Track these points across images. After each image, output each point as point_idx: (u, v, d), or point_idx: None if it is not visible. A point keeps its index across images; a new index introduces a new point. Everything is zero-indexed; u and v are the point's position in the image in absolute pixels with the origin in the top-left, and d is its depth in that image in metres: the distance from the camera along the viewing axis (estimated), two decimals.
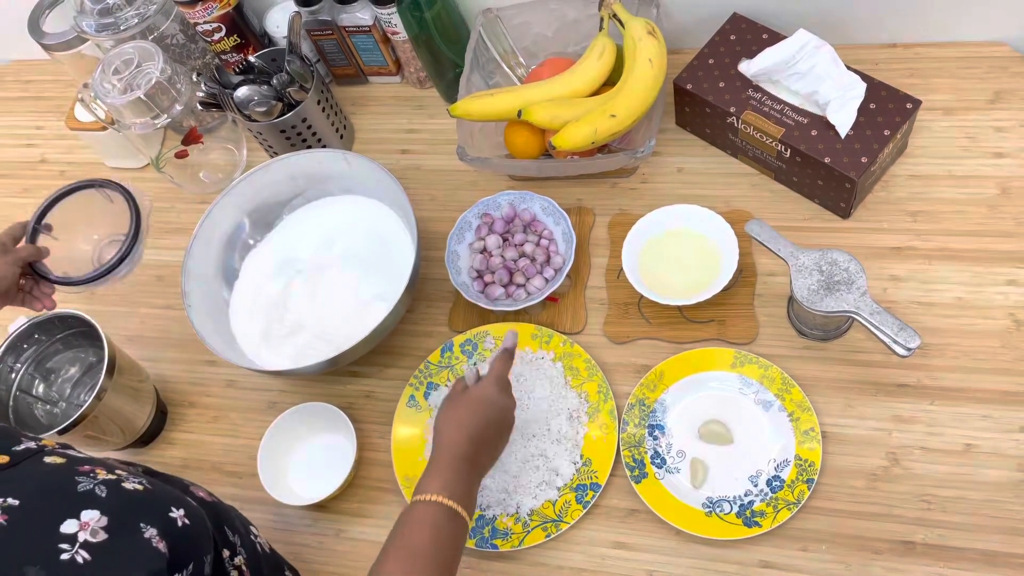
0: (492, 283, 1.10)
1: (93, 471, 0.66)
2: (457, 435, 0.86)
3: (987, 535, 0.88)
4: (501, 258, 1.10)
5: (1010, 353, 0.95)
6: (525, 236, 1.12)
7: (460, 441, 0.85)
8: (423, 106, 1.31)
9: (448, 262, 1.11)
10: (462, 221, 1.13)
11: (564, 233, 1.10)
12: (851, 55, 1.05)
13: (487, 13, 1.18)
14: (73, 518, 0.60)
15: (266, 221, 1.19)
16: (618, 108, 1.04)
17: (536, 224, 1.13)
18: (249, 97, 1.18)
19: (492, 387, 0.90)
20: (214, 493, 0.85)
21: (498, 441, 0.90)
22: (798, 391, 0.96)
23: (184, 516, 0.67)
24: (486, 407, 0.88)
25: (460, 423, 0.87)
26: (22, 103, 1.53)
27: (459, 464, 0.84)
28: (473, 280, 1.11)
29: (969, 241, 1.02)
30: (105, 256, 1.16)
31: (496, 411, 0.89)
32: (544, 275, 1.08)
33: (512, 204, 1.13)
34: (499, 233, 1.12)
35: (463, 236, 1.13)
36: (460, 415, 0.88)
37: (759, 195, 1.11)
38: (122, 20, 1.20)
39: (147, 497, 0.67)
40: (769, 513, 0.92)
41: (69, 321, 1.08)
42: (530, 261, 1.09)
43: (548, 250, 1.10)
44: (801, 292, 0.92)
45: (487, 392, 0.90)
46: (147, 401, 1.11)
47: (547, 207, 1.11)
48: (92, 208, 1.15)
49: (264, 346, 1.11)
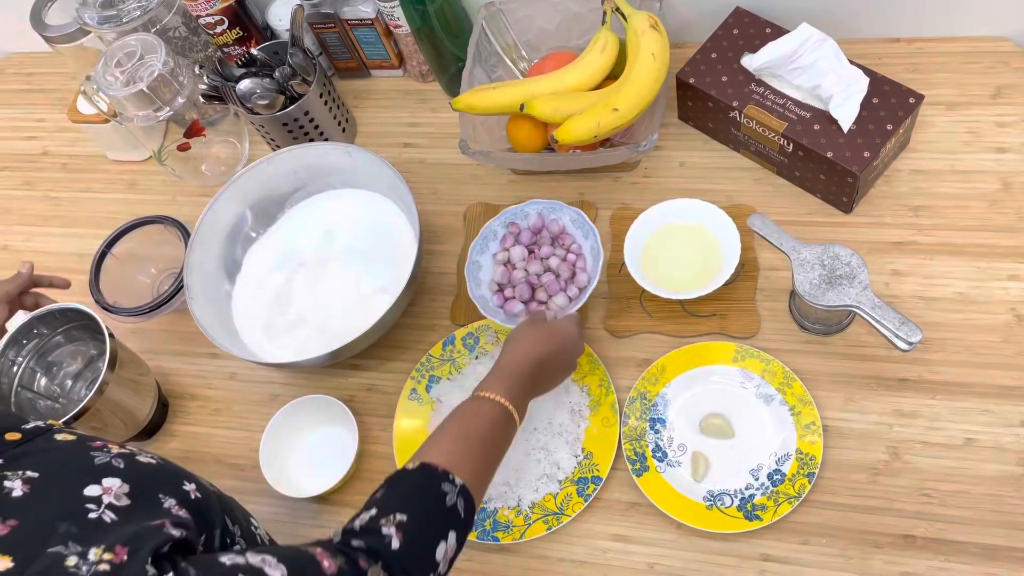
0: (512, 298, 1.05)
1: (106, 445, 0.66)
2: (529, 352, 0.89)
3: (987, 529, 0.88)
4: (524, 272, 1.05)
5: (1011, 348, 0.95)
6: (552, 249, 1.07)
7: (530, 359, 0.88)
8: (425, 99, 1.31)
9: (468, 273, 1.06)
10: (487, 230, 1.08)
11: (592, 249, 1.05)
12: (854, 49, 1.05)
13: (490, 6, 1.18)
14: (95, 484, 0.61)
15: (268, 214, 1.19)
16: (620, 102, 1.04)
17: (564, 237, 1.07)
18: (251, 90, 1.18)
19: (574, 325, 0.94)
20: (215, 485, 0.86)
21: (559, 375, 0.93)
22: (799, 385, 0.97)
23: (196, 490, 0.68)
24: (563, 339, 0.92)
25: (535, 343, 0.90)
26: (24, 95, 1.53)
27: (523, 378, 0.87)
28: (493, 294, 1.06)
29: (971, 236, 1.02)
30: (163, 288, 1.22)
31: (570, 346, 0.93)
32: (568, 293, 1.03)
33: (541, 214, 1.08)
34: (525, 244, 1.08)
35: (486, 246, 1.08)
36: (537, 336, 0.91)
37: (761, 189, 1.11)
38: (124, 13, 1.20)
39: (161, 470, 0.68)
40: (770, 507, 0.92)
41: (70, 315, 1.08)
42: (555, 277, 1.04)
43: (575, 266, 1.05)
44: (803, 286, 0.92)
45: (568, 327, 0.94)
46: (148, 394, 1.11)
47: (577, 219, 1.06)
48: (151, 242, 1.23)
49: (266, 339, 1.11)
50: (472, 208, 1.20)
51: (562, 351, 0.92)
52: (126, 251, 1.21)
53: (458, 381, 1.06)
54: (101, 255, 1.19)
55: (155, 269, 1.25)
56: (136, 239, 1.21)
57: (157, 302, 1.15)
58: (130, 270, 1.23)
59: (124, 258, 1.21)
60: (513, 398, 0.84)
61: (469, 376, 1.06)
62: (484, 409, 0.83)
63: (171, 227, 1.19)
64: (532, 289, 1.05)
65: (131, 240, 1.21)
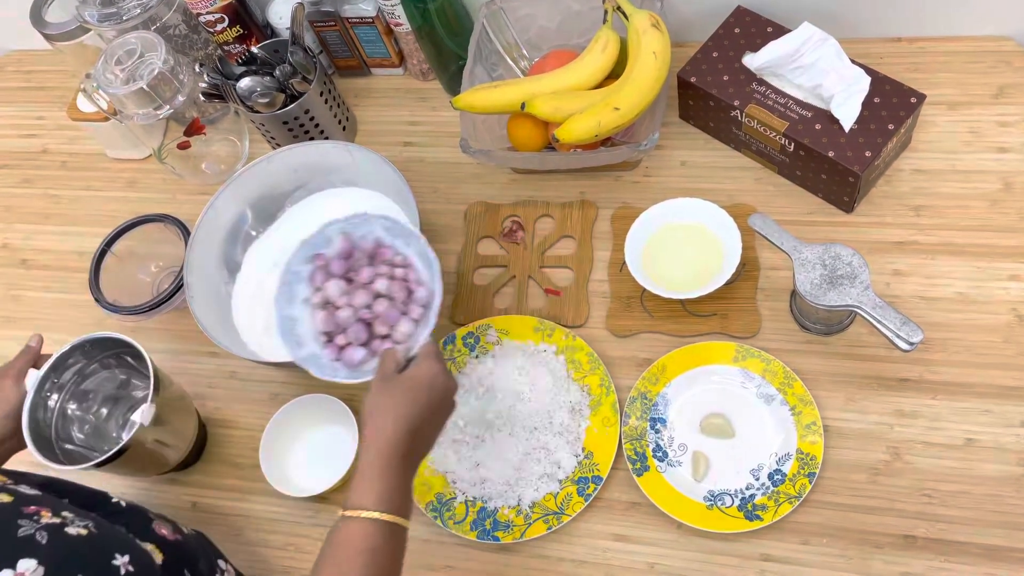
0: (348, 345, 0.85)
1: (38, 512, 0.63)
2: (394, 429, 0.74)
3: (988, 529, 0.88)
4: (351, 308, 0.85)
5: (1012, 348, 0.95)
6: (374, 270, 0.86)
7: (398, 435, 0.74)
8: (426, 98, 1.31)
9: (282, 334, 0.85)
10: (287, 274, 0.87)
11: (421, 254, 0.86)
12: (856, 49, 1.05)
13: (490, 5, 1.18)
14: (9, 568, 0.58)
15: (268, 212, 1.19)
16: (622, 101, 1.04)
17: (383, 251, 0.88)
18: (252, 88, 1.18)
19: (436, 364, 0.77)
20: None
21: (437, 430, 0.79)
22: (800, 385, 0.97)
23: (128, 563, 0.64)
24: (428, 389, 0.76)
25: (398, 412, 0.74)
26: (24, 93, 1.53)
27: (396, 465, 0.73)
28: (323, 348, 0.86)
29: (972, 236, 1.02)
30: (163, 286, 1.21)
31: (439, 394, 0.77)
32: (411, 315, 0.85)
33: (346, 234, 0.87)
34: (340, 275, 0.87)
35: (293, 293, 0.87)
36: (397, 401, 0.75)
37: (762, 189, 1.11)
38: (124, 10, 1.20)
39: (90, 543, 0.64)
40: (770, 506, 0.92)
41: (104, 343, 1.05)
42: (389, 302, 0.85)
43: (407, 281, 0.86)
44: (804, 286, 0.92)
45: (427, 369, 0.77)
46: (191, 412, 1.09)
47: (392, 226, 0.87)
48: (150, 240, 1.22)
49: (266, 337, 1.11)
50: (473, 207, 1.20)
51: (431, 404, 0.76)
52: (126, 249, 1.21)
53: (458, 380, 1.06)
54: (101, 253, 1.19)
55: (155, 268, 1.25)
56: (136, 237, 1.21)
57: (157, 301, 1.15)
58: (130, 269, 1.23)
59: (124, 256, 1.21)
60: (390, 502, 0.72)
61: (469, 375, 1.06)
62: (358, 536, 0.71)
63: (171, 225, 1.20)
64: (368, 326, 0.85)
65: (131, 238, 1.21)
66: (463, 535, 0.98)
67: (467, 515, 0.99)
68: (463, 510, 1.00)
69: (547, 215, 1.17)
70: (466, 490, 1.00)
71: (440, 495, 1.01)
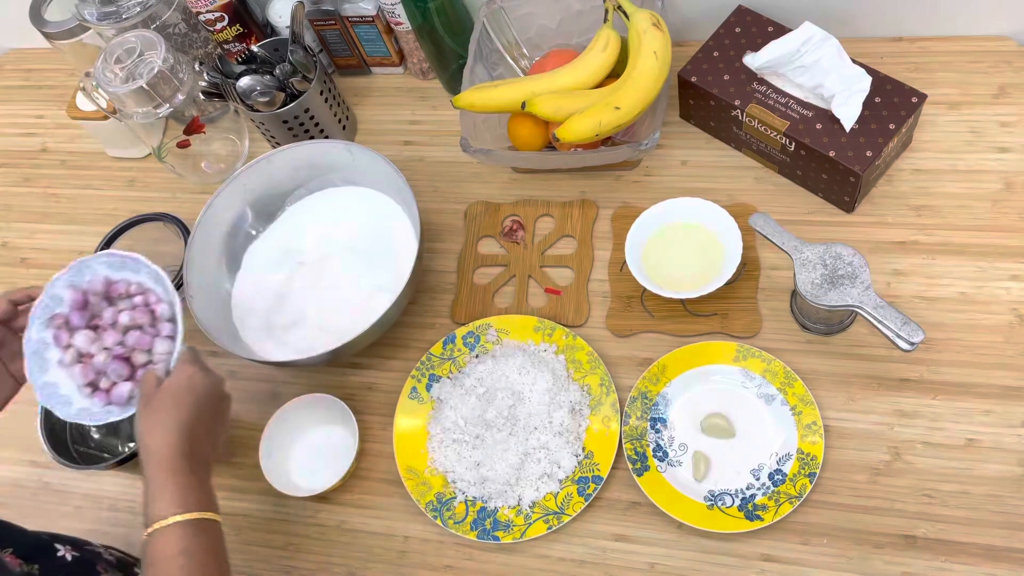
0: (113, 386, 0.87)
1: None
2: (166, 439, 0.77)
3: (988, 530, 0.88)
4: (105, 352, 0.87)
5: (1013, 348, 0.95)
6: (115, 308, 0.89)
7: (173, 442, 0.77)
8: (426, 97, 1.31)
9: (47, 401, 0.87)
10: (32, 344, 0.88)
11: (150, 273, 0.89)
12: (856, 48, 1.05)
13: (491, 4, 1.18)
14: None
15: (268, 212, 1.19)
16: (622, 101, 1.04)
17: (115, 287, 0.90)
18: (252, 87, 1.18)
19: (189, 367, 0.81)
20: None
21: (216, 425, 0.82)
22: (800, 385, 0.96)
23: None
24: (189, 393, 0.80)
25: (166, 425, 0.78)
26: (23, 92, 1.53)
27: (181, 467, 0.76)
28: (90, 397, 0.88)
29: (973, 236, 1.02)
30: None
31: (203, 392, 0.80)
32: (163, 333, 0.88)
33: (73, 286, 0.89)
34: (82, 327, 0.88)
35: (45, 360, 0.88)
36: (162, 416, 0.78)
37: (763, 189, 1.11)
38: (124, 9, 1.20)
39: None
40: (771, 507, 0.92)
41: None
42: (138, 330, 0.88)
43: (148, 304, 0.89)
44: (805, 286, 0.92)
45: (184, 376, 0.80)
46: None
47: (112, 261, 0.90)
48: (150, 239, 1.21)
49: (266, 337, 1.11)
50: (473, 206, 1.19)
51: (197, 403, 0.79)
52: (125, 248, 1.20)
53: (458, 380, 1.06)
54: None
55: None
56: (135, 236, 1.21)
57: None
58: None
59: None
60: (184, 501, 0.73)
61: (469, 375, 1.06)
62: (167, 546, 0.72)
63: (171, 224, 1.19)
64: (127, 360, 0.88)
65: (130, 237, 1.21)
66: (463, 535, 0.98)
67: (467, 515, 0.99)
68: (463, 510, 0.99)
69: (547, 214, 1.17)
70: (466, 490, 1.00)
71: (440, 495, 1.01)
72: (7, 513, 0.86)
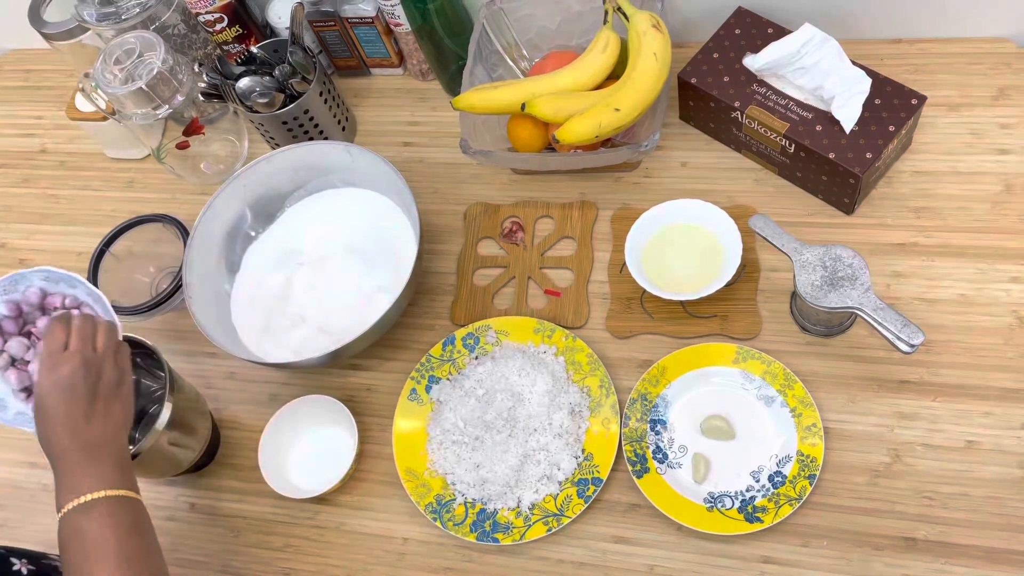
0: None
1: None
2: (55, 434, 0.80)
3: (988, 532, 0.88)
4: (38, 357, 0.90)
5: (1013, 350, 0.95)
6: (49, 317, 0.95)
7: (62, 436, 0.80)
8: (426, 98, 1.31)
9: None
10: None
11: (87, 292, 0.95)
12: (856, 50, 1.05)
13: (491, 5, 1.18)
14: None
15: (268, 213, 1.19)
16: (622, 102, 1.04)
17: (52, 299, 0.96)
18: (251, 88, 1.18)
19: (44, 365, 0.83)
20: None
21: (104, 404, 0.83)
22: (800, 387, 0.96)
23: None
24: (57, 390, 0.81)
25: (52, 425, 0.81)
26: (22, 92, 1.53)
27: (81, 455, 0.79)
28: (26, 402, 0.94)
29: (973, 238, 1.02)
30: (162, 287, 1.21)
31: (67, 382, 0.81)
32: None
33: (6, 293, 0.94)
34: (15, 333, 0.94)
35: None
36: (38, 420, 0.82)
37: (763, 190, 1.11)
38: (123, 10, 1.19)
39: None
40: (771, 508, 0.92)
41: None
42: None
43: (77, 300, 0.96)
44: (804, 288, 0.92)
45: (44, 376, 0.82)
46: (206, 413, 1.09)
47: (50, 275, 0.95)
48: (149, 240, 1.22)
49: (265, 338, 1.11)
50: (472, 208, 1.19)
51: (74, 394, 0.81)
52: (124, 249, 1.21)
53: (458, 382, 1.06)
54: (99, 253, 1.19)
55: (154, 268, 1.25)
56: (135, 237, 1.21)
57: (156, 301, 1.15)
58: (128, 269, 1.22)
59: (122, 256, 1.21)
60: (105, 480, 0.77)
61: (469, 376, 1.05)
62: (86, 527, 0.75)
63: (170, 225, 1.19)
64: None
65: (130, 238, 1.21)
66: (463, 537, 0.98)
67: (467, 517, 0.99)
68: (463, 512, 0.99)
69: (547, 216, 1.16)
70: (466, 492, 1.00)
71: (439, 497, 1.00)
72: (5, 515, 0.86)
